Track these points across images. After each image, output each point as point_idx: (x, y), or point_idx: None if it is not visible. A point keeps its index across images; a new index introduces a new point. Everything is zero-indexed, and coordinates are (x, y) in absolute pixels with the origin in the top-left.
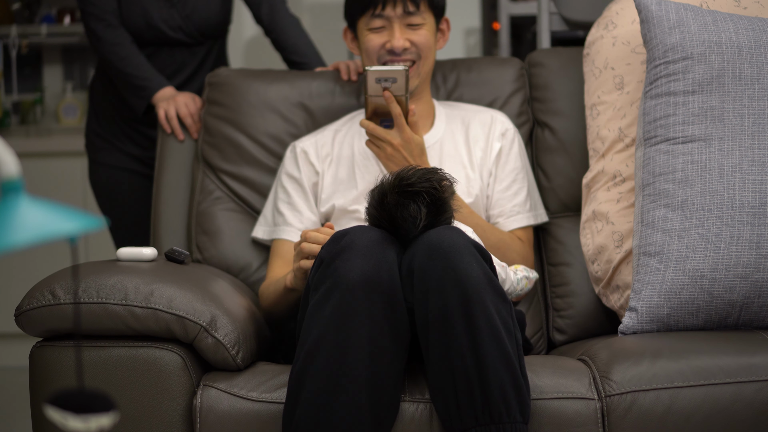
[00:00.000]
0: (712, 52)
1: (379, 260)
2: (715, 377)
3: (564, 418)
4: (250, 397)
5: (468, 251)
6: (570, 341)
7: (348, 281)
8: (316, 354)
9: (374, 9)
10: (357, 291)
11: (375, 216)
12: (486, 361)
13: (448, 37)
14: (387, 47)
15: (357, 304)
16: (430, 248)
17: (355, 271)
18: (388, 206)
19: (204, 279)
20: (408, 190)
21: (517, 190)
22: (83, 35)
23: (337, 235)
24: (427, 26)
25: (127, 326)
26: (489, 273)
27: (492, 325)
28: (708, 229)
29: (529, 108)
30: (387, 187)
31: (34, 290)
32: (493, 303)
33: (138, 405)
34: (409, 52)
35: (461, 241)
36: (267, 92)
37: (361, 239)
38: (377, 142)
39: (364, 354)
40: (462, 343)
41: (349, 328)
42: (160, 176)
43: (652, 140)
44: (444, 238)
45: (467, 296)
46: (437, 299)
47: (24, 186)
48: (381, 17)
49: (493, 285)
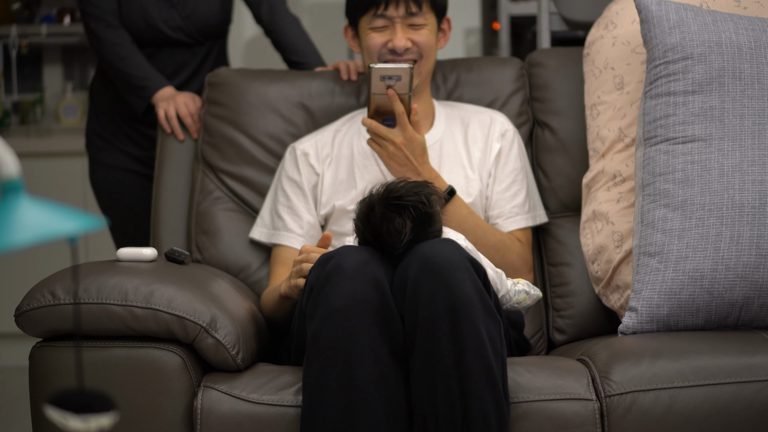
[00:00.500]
0: (712, 52)
1: (368, 280)
2: (715, 377)
3: (562, 419)
4: (251, 399)
5: (462, 267)
6: (570, 341)
7: (341, 306)
8: (324, 386)
9: (377, 9)
10: (352, 316)
11: (360, 228)
12: (470, 380)
13: (449, 36)
14: (389, 47)
15: (354, 328)
16: (424, 262)
17: (345, 296)
18: (374, 218)
19: (204, 279)
20: (395, 203)
21: (517, 191)
22: (83, 35)
23: (322, 258)
24: (429, 26)
25: (127, 327)
26: (482, 290)
27: (479, 343)
28: (708, 229)
29: (529, 108)
30: (375, 198)
31: (34, 291)
32: (483, 321)
33: (138, 405)
34: (411, 52)
35: (456, 256)
36: (267, 92)
37: (348, 261)
38: (379, 141)
39: (373, 376)
40: (447, 359)
41: (352, 355)
42: (160, 176)
43: (652, 140)
44: (439, 253)
45: (457, 313)
46: (426, 314)
47: (24, 186)
48: (383, 17)
49: (485, 303)
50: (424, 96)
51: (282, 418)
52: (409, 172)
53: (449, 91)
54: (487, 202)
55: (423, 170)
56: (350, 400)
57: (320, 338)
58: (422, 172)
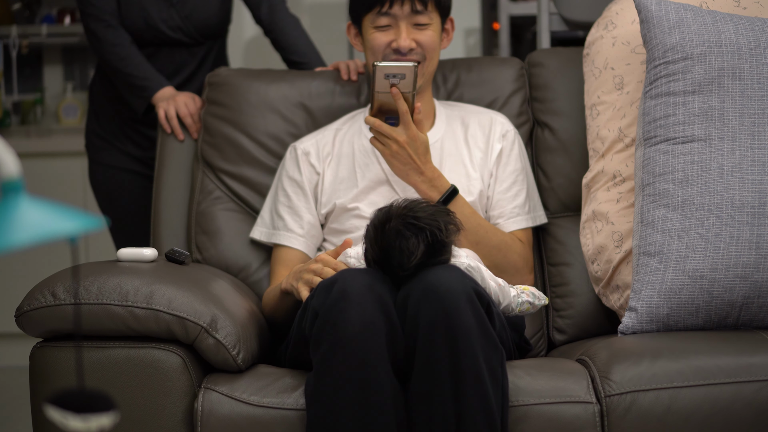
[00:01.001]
0: (711, 53)
1: (375, 303)
2: (715, 377)
3: (562, 421)
4: (251, 402)
5: (464, 296)
6: (570, 341)
7: (350, 333)
8: (338, 413)
9: (381, 6)
10: (363, 341)
11: (371, 237)
12: (466, 413)
13: (452, 37)
14: (393, 46)
15: (367, 353)
16: (426, 289)
17: (354, 324)
18: (389, 232)
19: (204, 279)
20: (413, 223)
21: (518, 192)
22: (83, 35)
23: (325, 283)
24: (434, 26)
25: (127, 327)
26: (483, 320)
27: (477, 375)
28: (708, 229)
29: (528, 108)
30: (394, 211)
31: (35, 291)
32: (483, 352)
33: (138, 406)
34: (415, 53)
35: (458, 285)
36: (267, 92)
37: (353, 286)
38: (382, 140)
39: (387, 398)
40: (445, 391)
41: (367, 379)
42: (160, 176)
43: (651, 140)
44: (441, 281)
45: (456, 345)
46: (425, 342)
47: (24, 186)
48: (388, 15)
49: (486, 333)
50: (426, 96)
51: (282, 420)
52: (412, 170)
53: (449, 91)
54: (488, 202)
55: (426, 169)
56: (367, 424)
57: (332, 365)
58: (425, 171)
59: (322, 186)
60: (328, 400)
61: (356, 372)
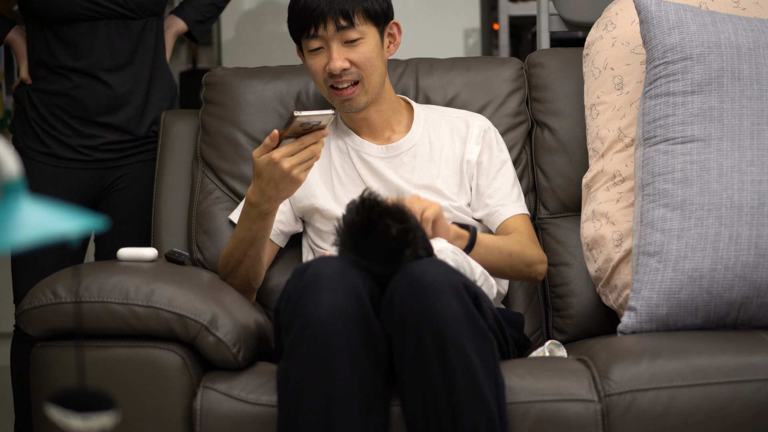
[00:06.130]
0: (711, 53)
1: (346, 289)
2: (714, 377)
3: (564, 420)
4: (249, 400)
5: (449, 288)
6: (570, 341)
7: (319, 316)
8: (300, 397)
9: (308, 30)
10: (330, 325)
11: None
12: (460, 406)
13: (399, 40)
14: (326, 70)
15: (333, 338)
16: (410, 283)
17: (324, 306)
18: (375, 212)
19: (204, 278)
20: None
21: (504, 182)
22: None
23: (299, 268)
24: (367, 39)
25: (128, 325)
26: (470, 310)
27: (467, 366)
28: (707, 229)
29: (526, 108)
30: (382, 203)
31: (36, 289)
32: (471, 342)
33: (138, 405)
34: (350, 73)
35: (443, 277)
36: (264, 91)
37: (325, 271)
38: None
39: (349, 385)
40: (436, 385)
41: (329, 364)
42: (160, 176)
43: (651, 140)
44: (426, 274)
45: (443, 337)
46: (414, 339)
47: (24, 186)
48: (317, 37)
49: (474, 323)
50: (384, 103)
51: None
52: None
53: (447, 90)
54: (475, 200)
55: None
56: (328, 411)
57: (299, 349)
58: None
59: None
60: (292, 386)
61: (320, 358)
